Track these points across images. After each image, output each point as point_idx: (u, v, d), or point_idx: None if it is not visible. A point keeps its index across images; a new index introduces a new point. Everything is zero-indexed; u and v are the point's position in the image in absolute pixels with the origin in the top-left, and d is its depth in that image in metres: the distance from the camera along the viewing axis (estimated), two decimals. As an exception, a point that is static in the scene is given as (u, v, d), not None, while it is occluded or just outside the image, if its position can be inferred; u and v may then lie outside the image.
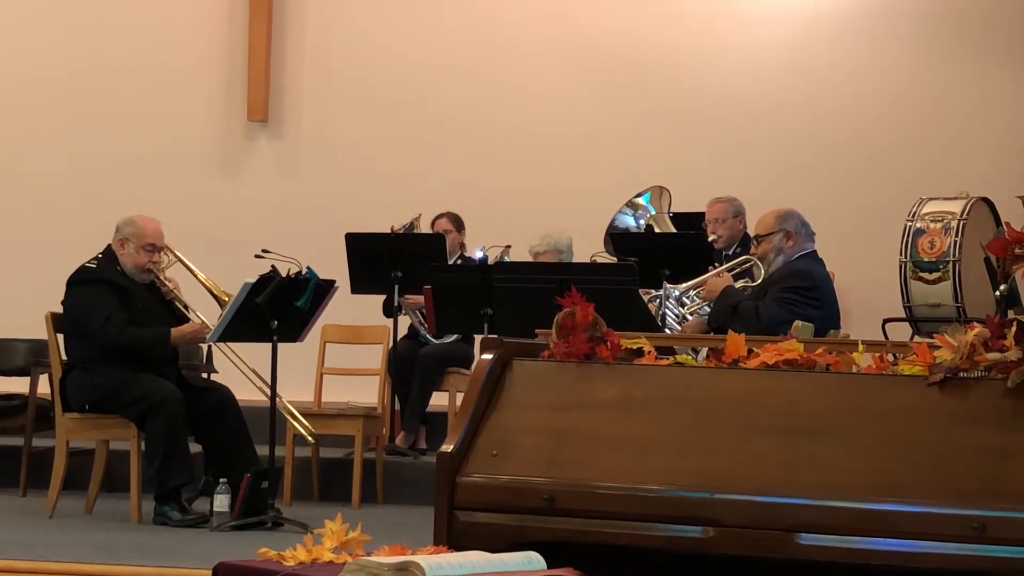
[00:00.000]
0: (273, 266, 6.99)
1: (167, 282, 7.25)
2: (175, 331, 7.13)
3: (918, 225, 7.76)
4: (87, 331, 7.05)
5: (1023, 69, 9.86)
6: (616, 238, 7.97)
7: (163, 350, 7.14)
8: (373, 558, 3.32)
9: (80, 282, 7.14)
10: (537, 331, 4.18)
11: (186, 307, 7.26)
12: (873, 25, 10.08)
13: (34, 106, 10.60)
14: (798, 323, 6.14)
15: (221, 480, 6.82)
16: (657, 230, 8.13)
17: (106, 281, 7.10)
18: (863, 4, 10.09)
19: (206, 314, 7.25)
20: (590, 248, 8.19)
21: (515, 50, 10.42)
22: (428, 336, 8.62)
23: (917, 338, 7.32)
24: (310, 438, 7.49)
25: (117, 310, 7.04)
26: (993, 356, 3.56)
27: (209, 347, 8.41)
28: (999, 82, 9.90)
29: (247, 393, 7.40)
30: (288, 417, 7.44)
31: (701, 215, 8.10)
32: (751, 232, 7.44)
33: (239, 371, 7.29)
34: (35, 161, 10.58)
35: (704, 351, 5.19)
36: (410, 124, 10.40)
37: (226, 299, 7.09)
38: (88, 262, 7.23)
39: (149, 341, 7.11)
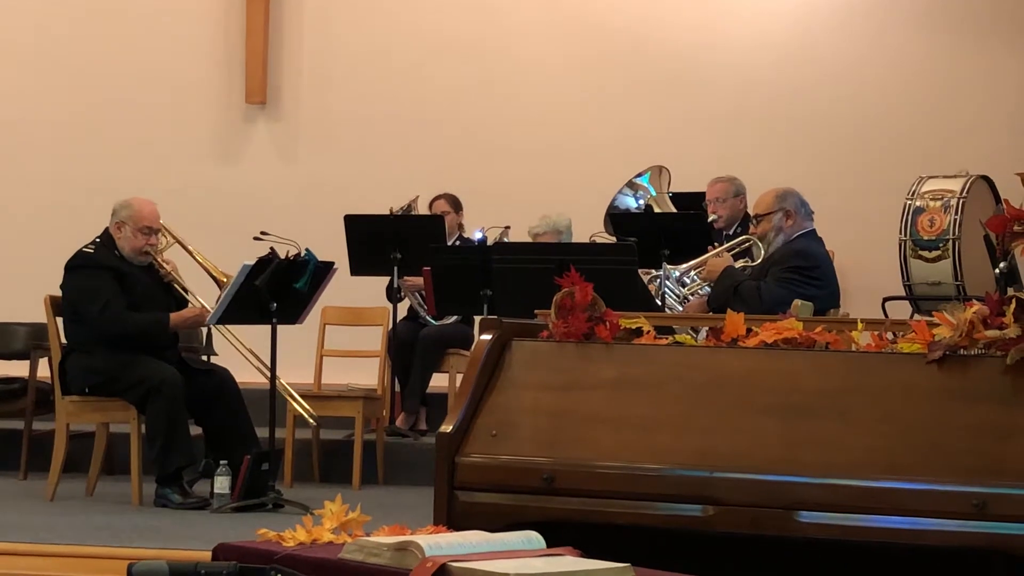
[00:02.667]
0: (272, 248, 6.97)
1: (165, 264, 7.24)
2: (174, 316, 7.11)
3: (918, 203, 7.74)
4: (85, 317, 7.03)
5: (1023, 48, 9.84)
6: (616, 218, 7.96)
7: (162, 336, 7.12)
8: (372, 538, 3.32)
9: (78, 267, 7.12)
10: (536, 311, 4.18)
11: (185, 289, 7.24)
12: (876, 4, 10.06)
13: (30, 90, 10.57)
14: (797, 302, 6.12)
15: (222, 462, 6.82)
16: (657, 210, 8.12)
17: (104, 267, 7.08)
18: (865, -18, 10.08)
19: (205, 295, 7.24)
20: (590, 229, 8.17)
21: (514, 30, 10.39)
22: (428, 318, 8.62)
23: (916, 316, 7.31)
24: (311, 420, 7.48)
25: (116, 296, 7.03)
26: (992, 333, 3.56)
27: (209, 329, 8.40)
28: (998, 61, 9.88)
29: (247, 375, 7.39)
30: (288, 399, 7.43)
31: (701, 195, 8.08)
32: (751, 212, 7.42)
33: (239, 353, 7.28)
34: (32, 146, 10.55)
35: (704, 331, 5.19)
36: (409, 105, 10.38)
37: (224, 280, 7.08)
38: (86, 246, 7.20)
39: (147, 327, 7.08)
